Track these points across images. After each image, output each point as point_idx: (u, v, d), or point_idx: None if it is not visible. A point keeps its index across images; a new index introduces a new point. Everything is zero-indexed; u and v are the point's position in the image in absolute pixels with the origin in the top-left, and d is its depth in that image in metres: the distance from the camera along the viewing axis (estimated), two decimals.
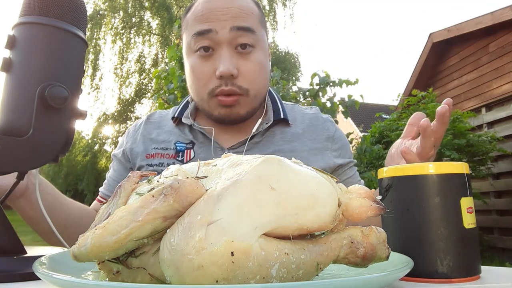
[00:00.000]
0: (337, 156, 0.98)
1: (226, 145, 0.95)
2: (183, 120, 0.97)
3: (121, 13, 12.86)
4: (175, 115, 0.99)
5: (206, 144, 0.94)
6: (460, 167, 0.49)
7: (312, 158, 0.93)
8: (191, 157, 0.93)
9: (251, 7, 0.92)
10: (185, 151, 0.94)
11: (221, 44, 0.87)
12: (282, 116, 0.97)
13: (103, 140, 13.31)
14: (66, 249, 0.57)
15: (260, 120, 0.96)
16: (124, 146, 1.00)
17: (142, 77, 13.10)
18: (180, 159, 0.93)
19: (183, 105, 1.02)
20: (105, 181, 1.02)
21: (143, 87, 13.11)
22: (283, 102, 1.04)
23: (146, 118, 1.04)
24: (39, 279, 0.45)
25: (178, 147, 0.95)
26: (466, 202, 0.48)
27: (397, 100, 6.03)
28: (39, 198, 0.64)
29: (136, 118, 13.17)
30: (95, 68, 12.55)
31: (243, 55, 0.89)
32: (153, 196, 0.35)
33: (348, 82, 3.98)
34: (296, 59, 14.60)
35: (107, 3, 12.55)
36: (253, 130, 0.94)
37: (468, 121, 4.47)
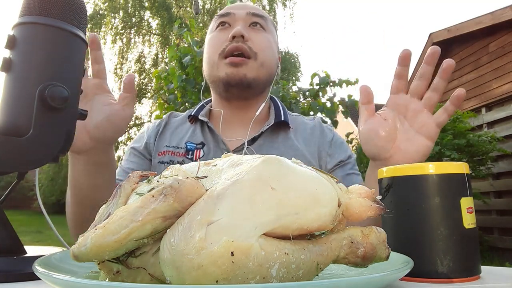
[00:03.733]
0: (331, 159, 1.01)
1: (231, 147, 0.99)
2: (200, 117, 1.04)
3: (121, 13, 12.85)
4: (192, 114, 1.06)
5: (215, 145, 1.00)
6: (460, 167, 0.49)
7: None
8: (201, 155, 0.98)
9: (265, 13, 1.08)
10: (195, 150, 0.99)
11: (237, 21, 1.00)
12: (282, 119, 1.02)
13: None
14: (66, 249, 0.57)
15: (263, 105, 1.03)
16: (147, 139, 1.05)
17: (142, 77, 13.09)
18: (189, 157, 0.98)
19: (200, 106, 1.10)
20: (118, 169, 1.02)
21: (143, 87, 13.10)
22: (288, 112, 1.10)
23: (167, 120, 1.10)
24: (39, 279, 0.45)
25: (188, 146, 1.00)
26: (466, 202, 0.48)
27: None
28: (39, 197, 0.64)
29: (136, 118, 13.16)
30: None
31: (255, 29, 1.01)
32: (153, 196, 0.35)
33: (348, 82, 3.98)
34: (296, 59, 14.59)
35: (107, 3, 12.55)
36: (257, 113, 1.01)
37: (468, 121, 4.47)
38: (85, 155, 0.75)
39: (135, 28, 12.99)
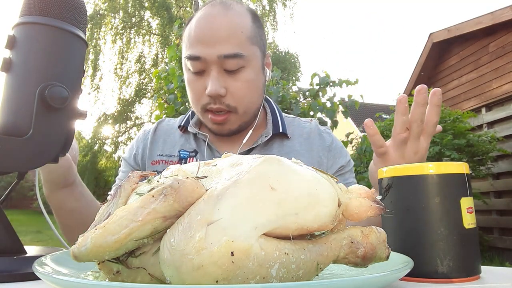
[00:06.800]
0: (333, 164, 1.00)
1: None
2: (189, 129, 1.02)
3: (121, 13, 12.86)
4: (182, 124, 1.04)
5: (209, 153, 0.98)
6: (460, 167, 0.49)
7: None
8: None
9: (241, 25, 0.91)
10: (188, 158, 0.98)
11: (210, 65, 0.89)
12: (281, 130, 0.99)
13: (103, 140, 13.29)
14: (66, 249, 0.57)
15: (250, 131, 0.99)
16: (135, 150, 1.04)
17: (142, 77, 13.10)
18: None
19: (189, 114, 1.06)
20: (115, 183, 1.05)
21: (143, 87, 13.10)
22: (284, 115, 1.07)
23: (156, 126, 1.08)
24: (39, 279, 0.45)
25: (181, 155, 0.99)
26: (466, 202, 0.48)
27: None
28: (39, 197, 0.64)
29: (136, 118, 13.17)
30: (95, 68, 12.55)
31: (232, 74, 0.90)
32: (153, 196, 0.35)
33: (348, 82, 3.98)
34: (296, 59, 14.61)
35: (107, 3, 12.55)
36: (244, 141, 0.97)
37: (468, 121, 4.47)
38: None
39: (135, 28, 12.99)
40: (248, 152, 0.97)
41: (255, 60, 0.94)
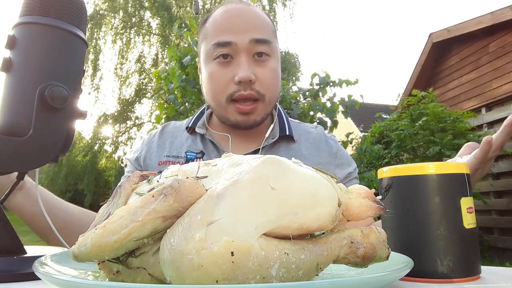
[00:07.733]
0: (341, 170, 1.01)
1: None
2: (197, 129, 1.02)
3: (121, 13, 12.86)
4: (189, 125, 1.04)
5: (215, 154, 0.98)
6: (460, 167, 0.49)
7: None
8: None
9: (266, 19, 0.98)
10: (195, 160, 0.98)
11: (240, 52, 0.92)
12: (287, 133, 1.01)
13: (103, 140, 13.28)
14: (66, 249, 0.57)
15: (272, 126, 1.01)
16: (139, 153, 1.05)
17: (142, 77, 13.09)
18: None
19: (197, 115, 1.07)
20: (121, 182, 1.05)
21: (143, 87, 13.10)
22: (290, 119, 1.08)
23: (161, 129, 1.09)
24: (39, 279, 0.45)
25: (188, 156, 0.99)
26: (466, 202, 0.48)
27: (397, 100, 6.03)
28: (39, 196, 0.64)
29: (136, 118, 13.16)
30: (95, 68, 12.54)
31: (260, 62, 0.93)
32: (153, 196, 0.35)
33: (348, 82, 3.97)
34: (296, 59, 14.60)
35: (107, 3, 12.56)
36: (266, 135, 0.99)
37: (468, 121, 4.47)
38: None
39: (135, 28, 12.99)
40: (254, 153, 0.97)
41: (277, 53, 0.99)
